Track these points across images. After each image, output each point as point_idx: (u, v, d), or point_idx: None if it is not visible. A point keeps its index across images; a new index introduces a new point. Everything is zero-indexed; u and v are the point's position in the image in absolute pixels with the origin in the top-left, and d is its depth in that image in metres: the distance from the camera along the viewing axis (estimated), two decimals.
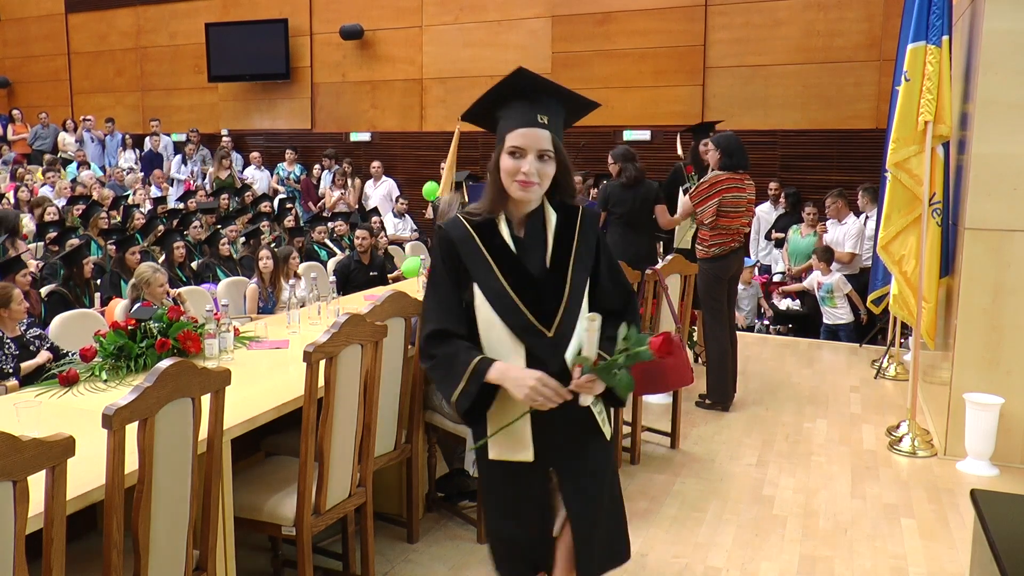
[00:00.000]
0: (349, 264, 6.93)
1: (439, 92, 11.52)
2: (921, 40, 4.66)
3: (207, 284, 6.39)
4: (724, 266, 5.28)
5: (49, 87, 14.33)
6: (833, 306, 7.46)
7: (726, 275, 5.31)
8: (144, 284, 4.67)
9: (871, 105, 9.15)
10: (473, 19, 11.13)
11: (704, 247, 5.29)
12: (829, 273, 7.50)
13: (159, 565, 2.27)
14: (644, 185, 5.84)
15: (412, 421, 3.52)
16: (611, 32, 10.35)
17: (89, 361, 3.26)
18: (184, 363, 2.25)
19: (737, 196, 5.22)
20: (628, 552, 2.30)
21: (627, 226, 5.84)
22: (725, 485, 4.25)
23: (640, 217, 5.86)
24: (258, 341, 3.81)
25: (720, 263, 5.26)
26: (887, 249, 4.96)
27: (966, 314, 4.55)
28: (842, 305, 7.44)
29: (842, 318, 7.47)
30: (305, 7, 12.18)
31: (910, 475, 4.42)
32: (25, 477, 1.81)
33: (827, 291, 7.46)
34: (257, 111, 12.83)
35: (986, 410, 4.36)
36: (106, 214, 8.45)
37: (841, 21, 9.29)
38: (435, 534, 3.67)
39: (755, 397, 5.69)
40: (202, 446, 2.41)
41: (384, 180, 11.12)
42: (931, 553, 3.55)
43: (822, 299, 7.53)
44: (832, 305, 7.46)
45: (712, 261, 5.25)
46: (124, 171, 11.76)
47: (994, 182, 4.44)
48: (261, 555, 3.38)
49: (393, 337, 3.21)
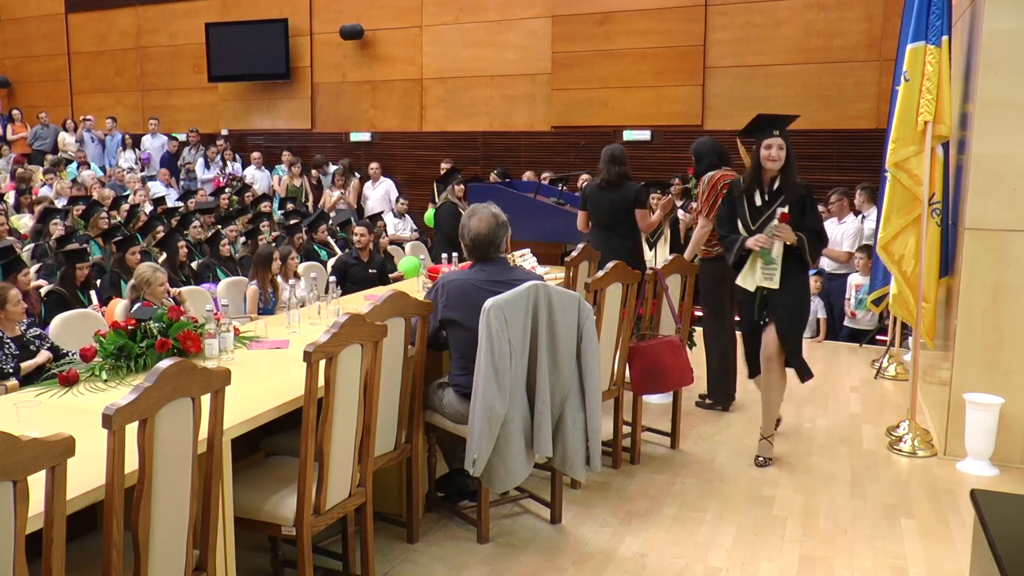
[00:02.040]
0: (347, 261, 6.93)
1: (439, 92, 11.53)
2: (921, 40, 4.65)
3: (207, 284, 6.39)
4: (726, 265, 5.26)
5: (49, 87, 14.33)
6: (866, 310, 6.99)
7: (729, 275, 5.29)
8: (145, 284, 4.67)
9: (871, 105, 9.15)
10: (473, 19, 11.14)
11: (707, 247, 5.28)
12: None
13: (159, 565, 2.27)
14: (623, 188, 5.54)
15: (412, 421, 3.53)
16: (611, 32, 10.35)
17: (89, 361, 3.26)
18: (184, 363, 2.25)
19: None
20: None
21: (604, 228, 5.58)
22: (725, 485, 4.25)
23: (615, 220, 5.56)
24: (258, 341, 3.81)
25: (723, 262, 5.24)
26: (887, 249, 4.96)
27: (966, 314, 4.55)
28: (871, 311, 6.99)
29: (868, 325, 7.17)
30: (305, 7, 12.18)
31: (910, 475, 4.42)
32: (25, 477, 1.81)
33: (866, 293, 6.85)
34: (257, 111, 12.84)
35: (986, 410, 4.36)
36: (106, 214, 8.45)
37: (841, 21, 9.29)
38: (435, 534, 3.67)
39: (755, 397, 5.65)
40: (202, 446, 2.41)
41: (382, 181, 11.12)
42: (931, 553, 3.55)
43: (859, 301, 7.06)
44: (865, 309, 6.98)
45: (715, 261, 5.24)
46: (124, 171, 11.77)
47: (994, 182, 4.44)
48: (261, 555, 3.37)
49: (393, 337, 3.21)
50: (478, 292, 3.38)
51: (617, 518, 3.86)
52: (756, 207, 4.35)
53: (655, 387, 4.51)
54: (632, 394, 4.50)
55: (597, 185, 5.66)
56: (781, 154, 4.25)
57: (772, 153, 4.26)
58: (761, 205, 4.34)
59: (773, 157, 4.26)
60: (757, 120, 4.32)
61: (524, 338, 3.31)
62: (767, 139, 4.26)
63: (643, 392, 4.50)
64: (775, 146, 4.25)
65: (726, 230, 4.47)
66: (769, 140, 4.25)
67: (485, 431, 3.22)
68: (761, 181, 4.34)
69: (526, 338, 3.32)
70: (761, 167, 4.30)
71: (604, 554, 3.51)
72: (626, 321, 4.37)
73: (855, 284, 7.23)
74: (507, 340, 3.22)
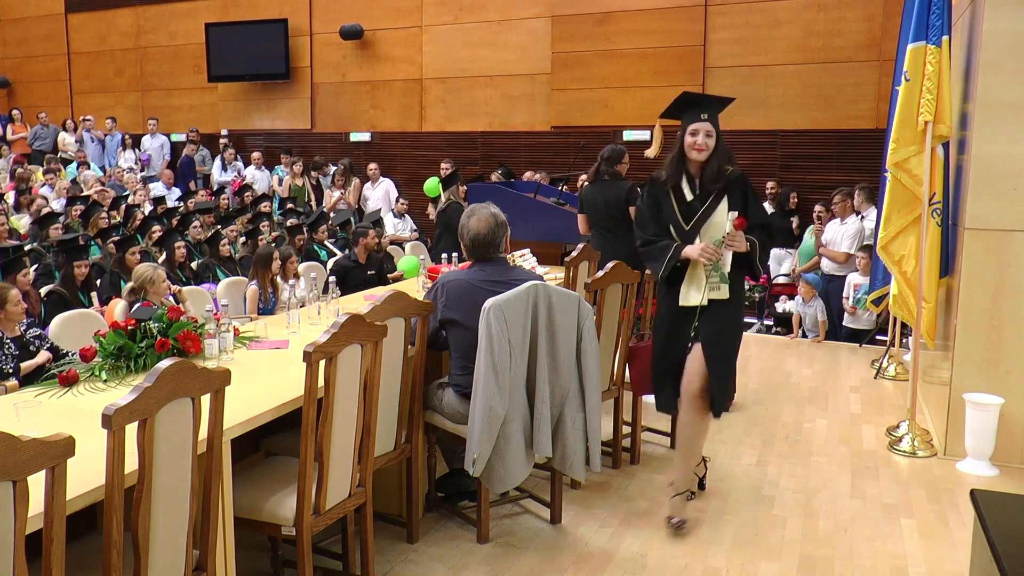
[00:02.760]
0: (345, 265, 6.93)
1: (439, 92, 11.53)
2: (921, 40, 4.66)
3: (207, 284, 6.39)
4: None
5: (49, 87, 14.33)
6: (865, 310, 7.01)
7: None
8: (148, 283, 4.67)
9: (871, 105, 9.15)
10: (473, 19, 11.14)
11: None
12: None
13: (159, 565, 2.27)
14: (614, 187, 5.50)
15: (412, 421, 3.53)
16: (611, 32, 10.35)
17: (89, 361, 3.26)
18: (184, 363, 2.25)
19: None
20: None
21: (603, 229, 5.54)
22: (725, 485, 4.25)
23: (612, 220, 5.51)
24: (258, 341, 3.81)
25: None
26: (887, 249, 4.96)
27: (966, 314, 4.55)
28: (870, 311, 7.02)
29: (867, 324, 7.20)
30: (305, 7, 12.18)
31: (910, 475, 4.42)
32: (25, 477, 1.81)
33: (865, 293, 6.87)
34: (257, 111, 12.83)
35: (986, 410, 4.36)
36: (106, 214, 8.45)
37: (841, 21, 9.29)
38: (435, 534, 3.67)
39: (755, 397, 5.69)
40: (202, 446, 2.41)
41: (381, 181, 11.12)
42: (931, 553, 3.55)
43: (857, 301, 7.08)
44: (864, 308, 6.99)
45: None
46: (124, 171, 11.77)
47: (994, 182, 4.44)
48: (261, 555, 3.37)
49: (393, 337, 3.21)
50: (478, 292, 3.38)
51: (617, 518, 3.86)
52: (687, 203, 3.63)
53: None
54: (632, 394, 4.50)
55: (589, 183, 5.67)
56: (709, 142, 3.56)
57: (698, 140, 3.55)
58: (693, 200, 3.63)
59: (699, 145, 3.55)
60: (681, 98, 3.65)
61: (524, 338, 3.31)
62: (693, 124, 3.56)
63: (643, 392, 4.50)
64: (702, 132, 3.55)
65: (650, 232, 3.67)
66: (695, 125, 3.56)
67: (485, 431, 3.22)
68: (688, 172, 3.64)
69: (526, 338, 3.32)
70: (685, 156, 3.62)
71: (604, 554, 3.51)
72: (626, 321, 4.37)
73: (854, 283, 7.23)
74: (507, 340, 3.22)
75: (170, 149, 12.82)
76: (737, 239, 3.51)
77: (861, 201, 7.63)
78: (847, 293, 7.30)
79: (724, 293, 3.59)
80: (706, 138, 3.55)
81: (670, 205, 3.65)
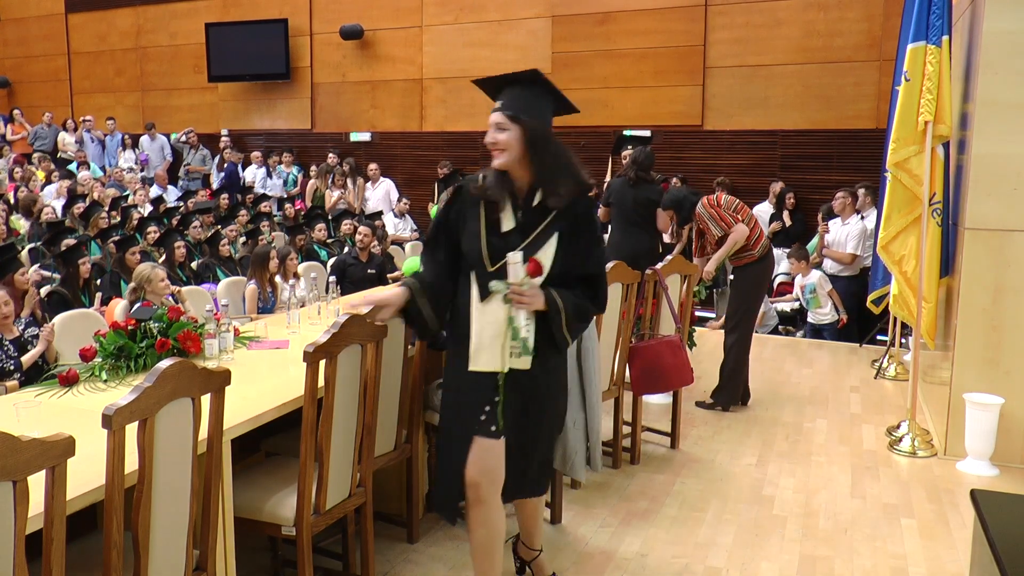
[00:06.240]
0: (346, 261, 6.93)
1: (439, 92, 11.52)
2: (921, 40, 4.66)
3: (207, 284, 6.38)
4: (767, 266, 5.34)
5: (49, 87, 14.32)
6: (818, 306, 7.45)
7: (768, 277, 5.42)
8: (146, 282, 4.67)
9: (871, 105, 9.15)
10: (473, 19, 11.13)
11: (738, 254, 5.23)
12: (808, 273, 7.50)
13: (159, 565, 2.27)
14: (647, 188, 6.01)
15: (412, 421, 3.52)
16: (611, 32, 10.35)
17: (89, 361, 3.26)
18: (184, 363, 2.25)
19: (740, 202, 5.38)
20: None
21: (629, 224, 6.01)
22: (725, 485, 4.25)
23: (639, 216, 6.00)
24: (258, 341, 3.81)
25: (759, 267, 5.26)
26: (887, 249, 4.96)
27: (966, 314, 4.55)
28: (826, 304, 7.45)
29: (826, 318, 7.48)
30: (305, 7, 12.17)
31: (910, 475, 4.42)
32: (25, 477, 1.80)
33: (810, 291, 7.45)
34: (257, 111, 12.83)
35: (986, 410, 4.36)
36: (106, 214, 8.45)
37: (841, 21, 9.29)
38: (435, 534, 3.67)
39: (755, 397, 5.68)
40: (202, 446, 2.41)
41: (382, 181, 11.12)
42: (931, 553, 3.55)
43: (807, 300, 7.52)
44: (817, 305, 7.45)
45: (748, 267, 5.24)
46: (124, 171, 11.77)
47: (994, 182, 4.44)
48: (261, 555, 3.37)
49: (393, 337, 3.21)
50: None
51: (617, 518, 3.86)
52: (501, 234, 2.58)
53: (655, 387, 4.51)
54: (632, 394, 4.50)
55: (624, 181, 6.06)
56: (502, 139, 2.56)
57: (488, 136, 2.60)
58: (510, 231, 2.58)
59: (490, 143, 2.60)
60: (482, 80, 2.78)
61: None
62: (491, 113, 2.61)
63: (643, 392, 4.50)
64: (494, 126, 2.60)
65: (424, 257, 2.78)
66: (491, 115, 2.62)
67: None
68: (513, 188, 2.59)
69: None
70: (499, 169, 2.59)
71: (604, 554, 3.51)
72: (626, 321, 4.36)
73: (800, 285, 7.60)
74: None
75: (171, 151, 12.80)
76: (527, 297, 2.53)
77: (867, 202, 7.64)
78: (797, 295, 7.70)
79: (525, 364, 2.60)
80: (498, 133, 2.57)
81: (477, 227, 2.61)
